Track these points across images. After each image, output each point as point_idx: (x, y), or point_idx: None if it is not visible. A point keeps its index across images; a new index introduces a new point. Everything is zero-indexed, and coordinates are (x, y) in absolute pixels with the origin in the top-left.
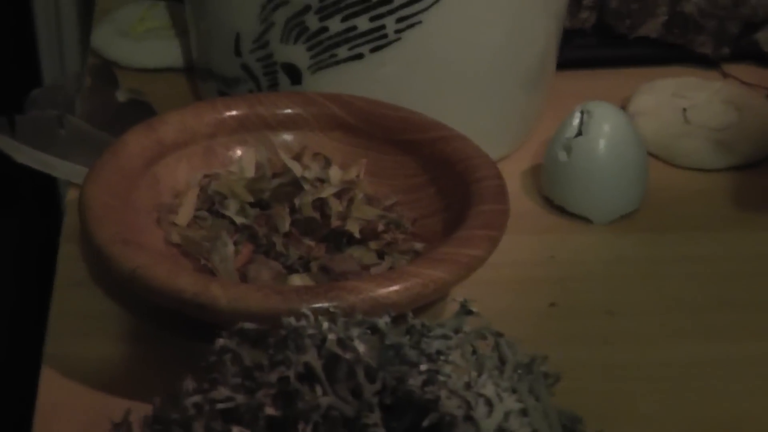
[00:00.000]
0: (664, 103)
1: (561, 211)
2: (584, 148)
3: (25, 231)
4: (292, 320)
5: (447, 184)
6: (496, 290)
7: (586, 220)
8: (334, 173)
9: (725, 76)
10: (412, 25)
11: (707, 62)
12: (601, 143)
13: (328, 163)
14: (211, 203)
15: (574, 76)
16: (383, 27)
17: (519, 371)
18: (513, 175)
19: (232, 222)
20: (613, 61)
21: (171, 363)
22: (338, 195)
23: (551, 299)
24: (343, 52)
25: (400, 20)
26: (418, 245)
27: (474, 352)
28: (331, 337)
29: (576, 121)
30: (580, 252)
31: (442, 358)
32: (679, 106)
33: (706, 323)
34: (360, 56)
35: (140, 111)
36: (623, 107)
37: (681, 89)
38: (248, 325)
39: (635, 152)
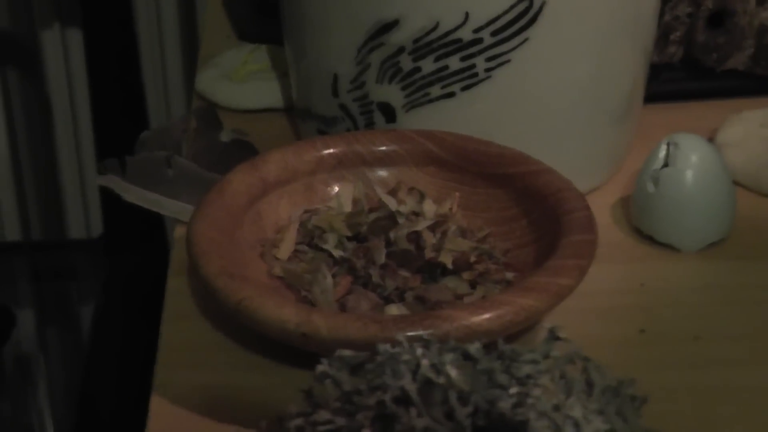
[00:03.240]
0: (752, 133)
1: (650, 240)
2: (671, 179)
3: (137, 268)
4: (387, 347)
5: (538, 216)
6: (587, 318)
7: (675, 249)
8: (428, 207)
9: None
10: (501, 64)
11: None
12: (688, 174)
13: (422, 197)
14: (311, 237)
15: (663, 109)
16: (474, 66)
17: (607, 394)
18: (603, 206)
19: (331, 255)
20: (701, 93)
21: (277, 391)
22: (432, 228)
23: (641, 326)
24: (435, 90)
25: (489, 59)
26: (510, 275)
27: (563, 376)
28: (425, 362)
29: (662, 153)
30: (669, 280)
31: (531, 381)
32: (766, 136)
33: None
34: (452, 94)
35: (243, 150)
36: (711, 139)
37: None
38: (347, 352)
39: (722, 182)
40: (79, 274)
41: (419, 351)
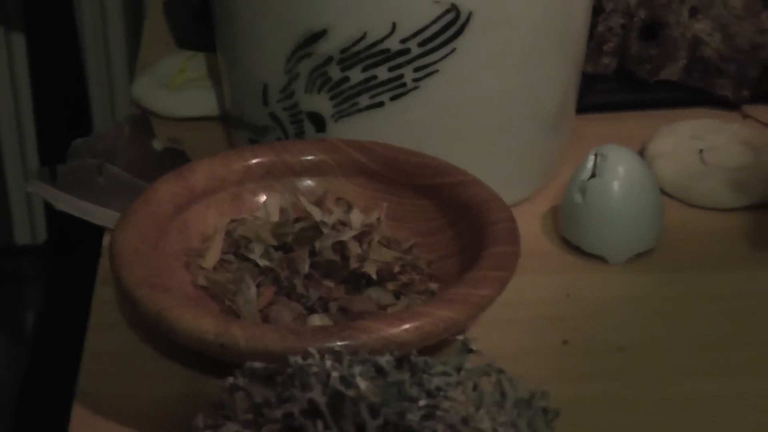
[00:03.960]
0: (683, 145)
1: (578, 251)
2: (598, 190)
3: (79, 273)
4: (298, 359)
5: (464, 227)
6: (511, 328)
7: (602, 259)
8: (355, 217)
9: (745, 117)
10: (429, 74)
11: (728, 104)
12: (615, 185)
13: (349, 207)
14: (237, 247)
15: (597, 120)
16: (402, 76)
17: (519, 406)
18: (533, 216)
19: (257, 265)
20: (635, 104)
21: (197, 401)
22: (358, 238)
23: (564, 337)
24: (364, 100)
25: (417, 69)
26: (434, 286)
27: (475, 388)
28: (335, 374)
29: (590, 164)
30: (595, 290)
31: (441, 394)
32: (697, 148)
33: (718, 360)
34: (381, 104)
35: (176, 159)
36: (644, 149)
37: (699, 131)
38: (257, 364)
39: (649, 193)
40: (24, 279)
41: (329, 363)
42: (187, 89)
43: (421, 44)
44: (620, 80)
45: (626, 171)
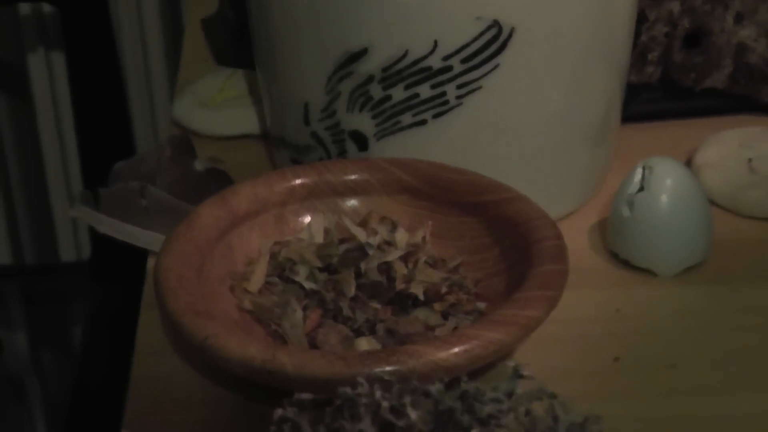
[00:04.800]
0: (730, 154)
1: (627, 265)
2: (646, 203)
3: (124, 290)
4: (347, 389)
5: (510, 245)
6: (560, 347)
7: (651, 273)
8: (401, 236)
9: None
10: (472, 91)
11: None
12: (663, 198)
13: (394, 226)
14: (282, 269)
15: (642, 129)
16: (444, 94)
17: (572, 431)
18: (580, 230)
19: (302, 287)
20: (680, 113)
21: (245, 428)
22: (404, 258)
23: (615, 354)
24: (406, 119)
25: (460, 86)
26: (481, 305)
27: (528, 413)
28: (385, 404)
29: (638, 177)
30: (645, 305)
31: (493, 422)
32: (745, 157)
33: None
34: (423, 122)
35: (218, 179)
36: (691, 158)
37: (747, 139)
38: (306, 395)
39: (698, 205)
40: (69, 296)
41: (378, 393)
42: (227, 108)
43: (463, 61)
44: (665, 89)
45: (674, 183)
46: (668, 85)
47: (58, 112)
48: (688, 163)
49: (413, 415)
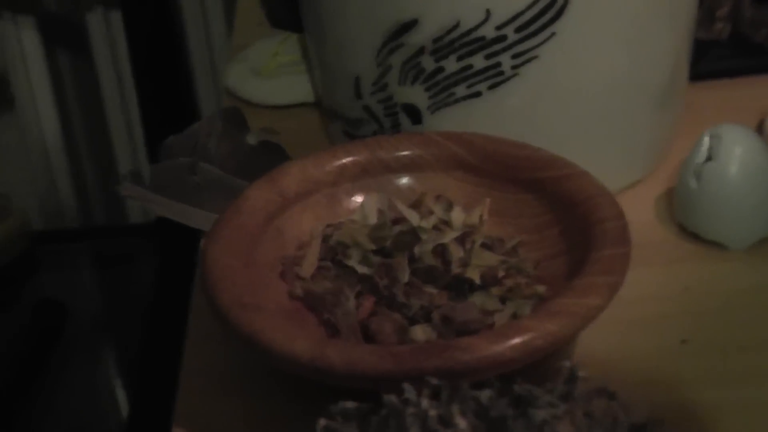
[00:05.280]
0: None
1: (696, 238)
2: (715, 174)
3: (188, 252)
4: (392, 398)
5: (570, 224)
6: (624, 329)
7: (722, 246)
8: (457, 216)
9: None
10: (528, 60)
11: None
12: (732, 168)
13: (450, 205)
14: (334, 253)
15: (711, 88)
16: (499, 64)
17: None
18: (647, 201)
19: (355, 271)
20: (751, 70)
21: (299, 421)
22: (460, 239)
23: (683, 335)
24: (461, 90)
25: (515, 56)
26: (541, 288)
27: (587, 414)
28: (432, 413)
29: (705, 147)
30: (715, 282)
31: (547, 428)
32: None
33: None
34: (478, 94)
35: (271, 152)
36: (763, 120)
37: None
38: (350, 404)
39: None
40: (136, 258)
41: (425, 402)
42: (281, 75)
43: (517, 30)
44: (735, 46)
45: (743, 152)
46: (738, 41)
47: (119, 73)
48: (761, 125)
49: (462, 423)
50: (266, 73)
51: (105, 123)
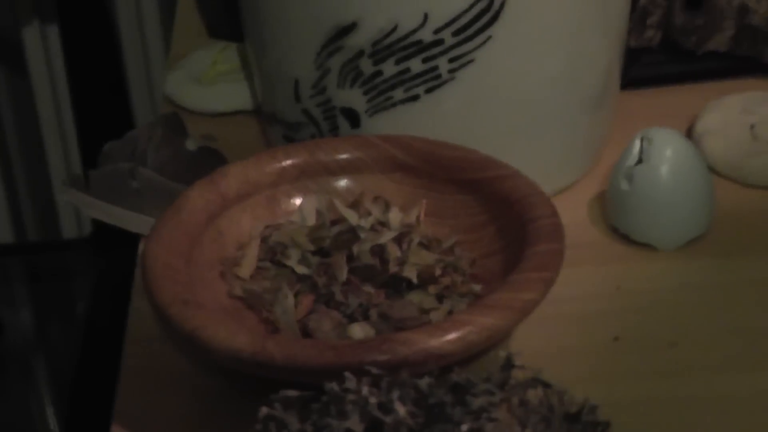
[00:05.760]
0: (732, 120)
1: (627, 239)
2: (646, 176)
3: (124, 268)
4: (333, 385)
5: (505, 223)
6: (558, 326)
7: (652, 247)
8: (394, 216)
9: None
10: (465, 64)
11: None
12: (663, 170)
13: (387, 206)
14: (273, 253)
15: (643, 95)
16: (436, 68)
17: (567, 421)
18: (580, 203)
19: (294, 271)
20: (682, 77)
21: (235, 419)
22: (397, 239)
23: (615, 333)
24: (398, 94)
25: (452, 60)
26: (477, 287)
27: (522, 403)
28: (372, 400)
29: (636, 149)
30: (645, 281)
31: (485, 415)
32: (747, 123)
33: None
34: (416, 97)
35: (210, 158)
36: (692, 125)
37: (749, 105)
38: (291, 392)
39: (699, 176)
40: (72, 273)
41: (365, 389)
42: (220, 83)
43: (455, 34)
44: (666, 53)
45: (674, 154)
46: (669, 48)
47: (55, 87)
48: (690, 129)
49: (401, 410)
50: (206, 81)
51: (40, 138)
